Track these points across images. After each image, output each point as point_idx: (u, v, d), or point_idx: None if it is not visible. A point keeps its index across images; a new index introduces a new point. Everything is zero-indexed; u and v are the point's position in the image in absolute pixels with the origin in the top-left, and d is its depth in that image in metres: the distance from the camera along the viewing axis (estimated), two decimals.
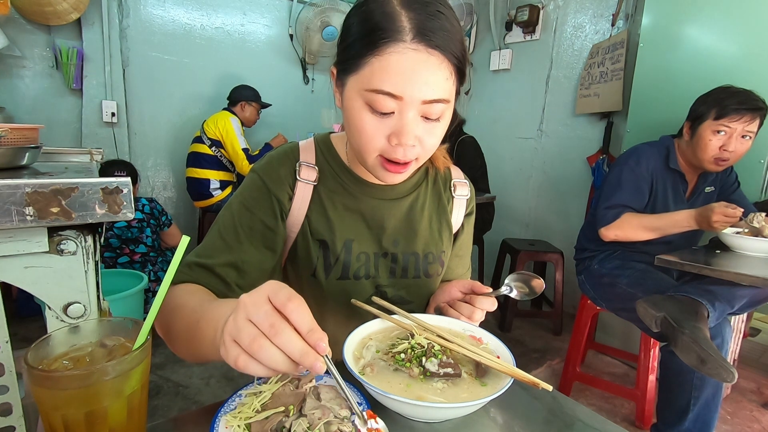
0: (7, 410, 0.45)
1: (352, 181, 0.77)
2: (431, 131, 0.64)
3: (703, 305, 1.34)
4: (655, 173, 1.67)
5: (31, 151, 0.63)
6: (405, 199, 0.80)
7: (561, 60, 2.95)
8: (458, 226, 0.87)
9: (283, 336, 0.39)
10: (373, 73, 0.59)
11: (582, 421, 0.58)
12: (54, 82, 2.78)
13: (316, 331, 0.41)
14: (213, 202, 2.99)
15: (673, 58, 2.15)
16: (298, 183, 0.74)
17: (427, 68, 0.58)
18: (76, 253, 0.44)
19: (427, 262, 0.82)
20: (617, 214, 1.62)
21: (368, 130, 0.62)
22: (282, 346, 0.39)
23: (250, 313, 0.40)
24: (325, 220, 0.76)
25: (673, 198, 1.69)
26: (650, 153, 1.69)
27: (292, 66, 3.68)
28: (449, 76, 0.61)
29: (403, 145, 0.61)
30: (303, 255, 0.76)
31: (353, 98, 0.62)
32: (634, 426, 1.80)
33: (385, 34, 0.57)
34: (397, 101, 0.59)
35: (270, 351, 0.39)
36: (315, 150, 0.78)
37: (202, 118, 3.27)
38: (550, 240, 2.91)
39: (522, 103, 3.21)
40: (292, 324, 0.40)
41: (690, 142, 1.64)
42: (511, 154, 3.31)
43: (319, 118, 3.44)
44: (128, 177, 0.45)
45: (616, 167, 1.72)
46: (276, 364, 0.39)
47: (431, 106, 0.60)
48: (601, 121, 2.73)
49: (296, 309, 0.41)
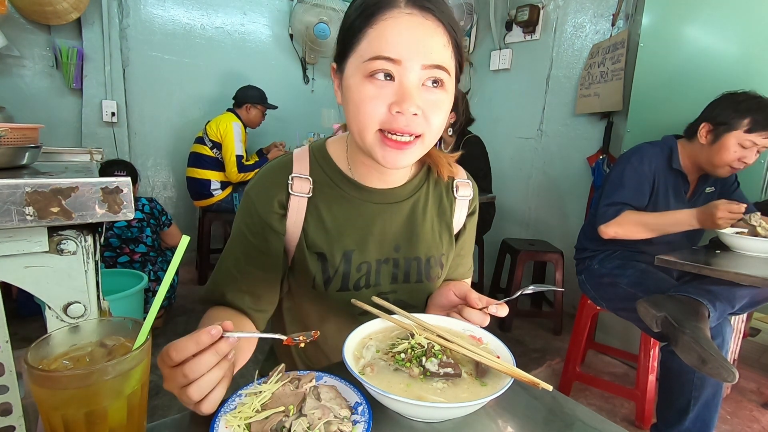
0: (7, 410, 0.45)
1: (350, 187, 0.75)
2: (435, 104, 0.62)
3: (704, 305, 1.34)
4: (657, 173, 1.66)
5: (31, 151, 0.63)
6: (406, 202, 0.79)
7: (561, 60, 2.95)
8: (460, 227, 0.86)
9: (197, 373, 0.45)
10: (370, 43, 0.59)
11: (582, 421, 0.58)
12: (54, 81, 2.78)
13: (204, 333, 0.45)
14: (213, 201, 3.00)
15: (673, 58, 2.15)
16: (291, 197, 0.72)
17: (423, 31, 0.58)
18: (76, 252, 0.44)
19: (429, 266, 0.80)
20: (617, 212, 1.61)
21: (368, 101, 0.60)
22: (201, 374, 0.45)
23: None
24: (322, 232, 0.74)
25: (674, 198, 1.68)
26: (653, 152, 1.68)
27: (292, 66, 3.69)
28: (447, 44, 0.60)
29: (405, 112, 0.59)
30: (301, 268, 0.75)
31: (352, 75, 0.62)
32: (634, 426, 1.80)
33: (380, 3, 0.58)
34: (395, 66, 0.58)
35: (203, 380, 0.45)
36: (309, 159, 0.76)
37: (202, 117, 3.27)
38: (550, 240, 2.91)
39: (522, 103, 3.21)
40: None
41: (707, 147, 1.59)
42: (511, 154, 3.31)
43: (320, 118, 3.44)
44: (128, 177, 0.45)
45: (619, 165, 1.71)
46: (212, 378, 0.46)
47: (432, 71, 0.59)
48: (601, 121, 2.73)
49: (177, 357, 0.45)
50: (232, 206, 3.02)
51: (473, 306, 0.67)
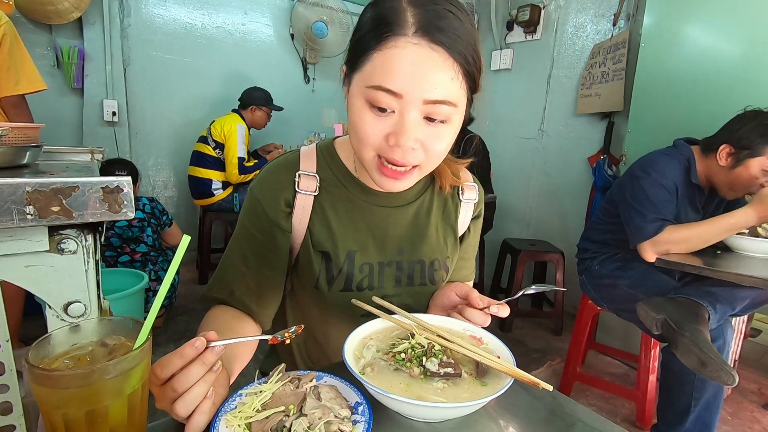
0: (7, 409, 0.45)
1: (356, 189, 0.75)
2: (437, 136, 0.60)
3: (704, 307, 1.34)
4: (678, 186, 1.54)
5: (32, 150, 0.63)
6: (411, 205, 0.78)
7: (562, 60, 2.95)
8: (464, 230, 0.85)
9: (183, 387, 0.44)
10: (374, 68, 0.57)
11: (583, 422, 0.57)
12: (55, 81, 2.78)
13: (193, 343, 0.45)
14: (214, 201, 3.00)
15: (674, 57, 2.15)
16: (297, 195, 0.72)
17: (429, 64, 0.55)
18: (76, 252, 0.44)
19: (433, 269, 0.80)
20: (659, 228, 1.47)
21: (366, 129, 0.59)
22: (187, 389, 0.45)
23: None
24: (327, 231, 0.74)
25: (692, 209, 1.60)
26: (672, 166, 1.55)
27: (293, 65, 3.69)
28: (455, 77, 0.57)
29: (401, 146, 0.58)
30: (305, 266, 0.75)
31: (355, 96, 0.61)
32: (635, 426, 1.80)
33: (389, 28, 0.56)
34: (397, 99, 0.57)
35: (189, 394, 0.45)
36: (317, 157, 0.76)
37: (203, 117, 3.28)
38: (551, 240, 2.90)
39: (523, 103, 3.21)
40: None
41: (726, 169, 1.49)
42: (512, 154, 3.31)
43: (320, 118, 3.44)
44: (129, 176, 0.45)
45: (638, 180, 1.57)
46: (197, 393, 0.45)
47: (435, 107, 0.57)
48: (602, 121, 2.73)
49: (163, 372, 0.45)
50: (232, 206, 3.03)
51: (475, 306, 0.67)
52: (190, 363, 0.44)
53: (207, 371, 0.45)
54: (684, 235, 1.45)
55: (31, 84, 1.51)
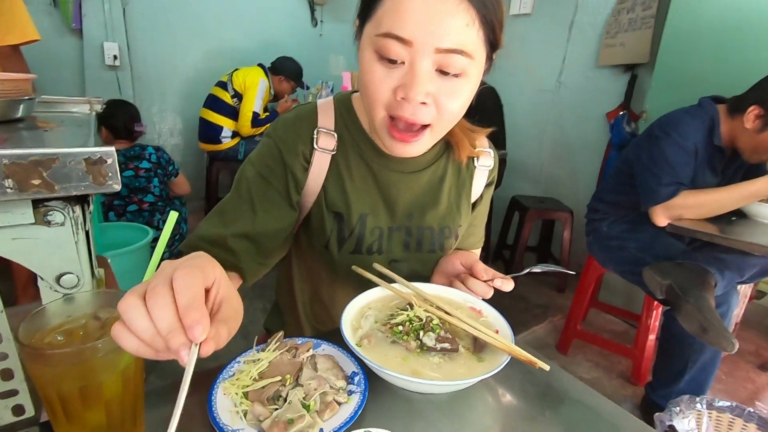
0: (9, 374, 0.46)
1: (371, 151, 0.72)
2: (451, 91, 0.56)
3: (711, 274, 1.32)
4: (698, 148, 1.47)
5: (26, 103, 0.61)
6: (424, 172, 0.75)
7: (587, 4, 2.73)
8: (477, 197, 0.83)
9: (157, 301, 0.32)
10: (384, 15, 0.53)
11: (577, 400, 0.58)
12: (53, 21, 2.67)
13: (196, 310, 0.33)
14: (220, 148, 2.98)
15: (711, 5, 1.96)
16: (315, 152, 0.69)
17: (442, 8, 0.51)
18: (64, 224, 0.43)
19: (443, 236, 0.78)
20: (673, 192, 1.42)
21: (374, 81, 0.56)
22: (152, 312, 0.32)
23: (151, 279, 0.35)
24: (341, 193, 0.72)
25: (710, 173, 1.52)
26: (694, 127, 1.46)
27: (300, 7, 3.48)
28: (471, 23, 0.52)
29: (410, 100, 0.54)
30: (317, 226, 0.73)
31: (365, 48, 0.57)
32: (629, 382, 1.86)
33: None
34: (407, 48, 0.53)
35: (139, 319, 0.32)
36: (335, 113, 0.72)
37: (206, 61, 3.17)
38: (561, 198, 2.85)
39: (541, 52, 3.02)
40: (174, 293, 0.34)
41: (752, 132, 1.38)
42: (526, 107, 3.16)
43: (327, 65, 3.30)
44: (137, 131, 0.42)
45: (657, 140, 1.50)
46: (142, 334, 0.32)
47: (448, 57, 0.53)
48: (624, 74, 2.57)
49: (180, 277, 0.34)
50: (237, 154, 3.00)
51: (478, 277, 0.66)
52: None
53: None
54: (699, 201, 1.41)
55: (23, 34, 1.43)
